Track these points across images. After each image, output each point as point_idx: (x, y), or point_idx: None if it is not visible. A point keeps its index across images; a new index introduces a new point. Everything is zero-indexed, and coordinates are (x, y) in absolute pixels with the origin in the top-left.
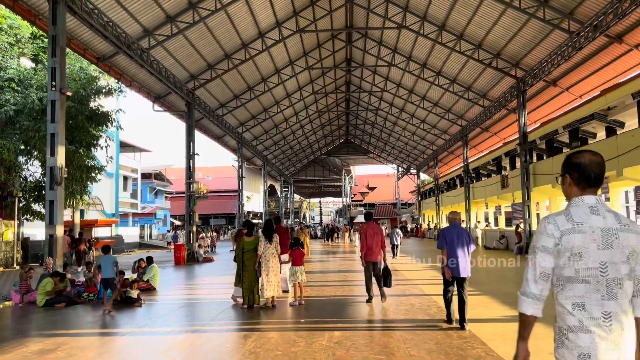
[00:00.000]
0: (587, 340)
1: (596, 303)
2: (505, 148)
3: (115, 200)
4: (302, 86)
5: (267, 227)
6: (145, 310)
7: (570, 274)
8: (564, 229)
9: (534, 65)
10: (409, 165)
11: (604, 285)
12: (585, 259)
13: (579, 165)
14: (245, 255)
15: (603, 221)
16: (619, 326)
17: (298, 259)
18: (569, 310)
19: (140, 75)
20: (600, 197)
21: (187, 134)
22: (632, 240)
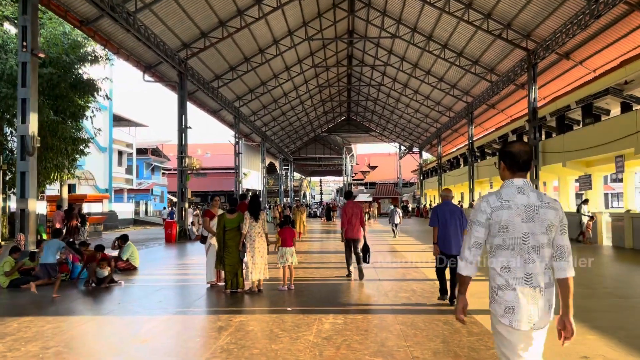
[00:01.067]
0: (511, 296)
1: (519, 266)
2: (513, 125)
3: (108, 175)
4: (301, 59)
5: (253, 204)
6: (118, 293)
7: (499, 242)
8: (494, 206)
9: (546, 36)
10: (411, 143)
11: (526, 251)
12: (511, 230)
13: (510, 153)
14: (227, 235)
15: (527, 199)
16: (538, 285)
17: (288, 239)
18: (498, 272)
19: (128, 42)
20: (527, 180)
21: (179, 105)
22: (550, 215)
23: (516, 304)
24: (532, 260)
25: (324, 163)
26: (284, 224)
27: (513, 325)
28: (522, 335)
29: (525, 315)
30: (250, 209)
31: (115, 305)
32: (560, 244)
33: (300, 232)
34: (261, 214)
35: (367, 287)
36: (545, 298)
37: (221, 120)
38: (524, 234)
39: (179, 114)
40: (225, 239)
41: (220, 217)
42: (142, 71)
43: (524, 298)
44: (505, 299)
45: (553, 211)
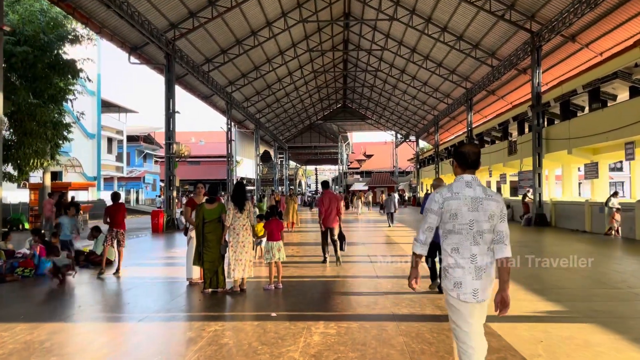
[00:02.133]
0: (459, 273)
1: (466, 248)
2: (514, 111)
3: (97, 163)
4: (296, 42)
5: (238, 192)
6: (83, 292)
7: (450, 228)
8: (445, 197)
9: (552, 17)
10: (408, 132)
11: (471, 236)
12: (460, 217)
13: (462, 153)
14: (206, 228)
15: (473, 192)
16: (481, 264)
17: (275, 232)
18: (449, 253)
19: (111, 21)
20: (475, 176)
21: (167, 89)
22: (492, 206)
23: (463, 279)
24: (476, 243)
25: (319, 151)
26: (270, 215)
27: (461, 297)
28: (470, 306)
29: (471, 289)
30: (234, 198)
31: (74, 309)
32: (500, 229)
33: (293, 222)
34: (247, 203)
35: (364, 286)
36: (487, 275)
37: (213, 106)
38: (470, 221)
39: (166, 98)
40: (204, 232)
41: (199, 208)
42: (128, 53)
43: (469, 275)
44: (454, 276)
45: (495, 203)
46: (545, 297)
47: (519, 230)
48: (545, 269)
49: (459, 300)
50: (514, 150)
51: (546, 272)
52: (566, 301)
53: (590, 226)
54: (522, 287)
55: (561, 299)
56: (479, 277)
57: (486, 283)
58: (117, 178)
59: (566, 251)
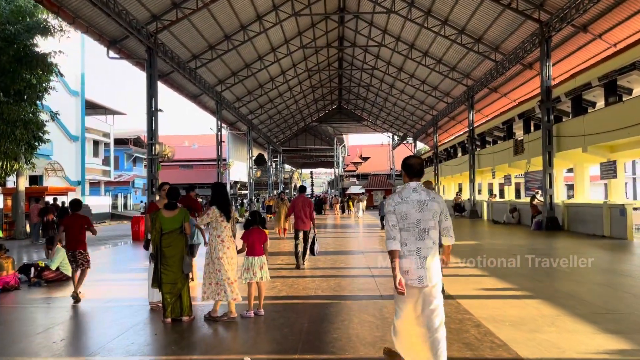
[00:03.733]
0: (407, 263)
1: (413, 242)
2: (520, 108)
3: (81, 166)
4: (288, 39)
5: (221, 196)
6: (12, 319)
7: (401, 226)
8: (396, 202)
9: (563, 4)
10: (405, 133)
11: (417, 232)
12: (408, 218)
13: (409, 165)
14: (164, 241)
15: (419, 196)
16: (425, 256)
17: (257, 245)
18: (399, 247)
19: (85, 11)
20: (420, 183)
21: (148, 85)
22: (435, 207)
23: (409, 268)
24: (421, 239)
25: (314, 154)
26: (251, 223)
27: (408, 282)
28: (415, 289)
29: (416, 276)
30: (218, 203)
31: None
32: (445, 226)
33: (285, 228)
34: (232, 209)
35: (367, 312)
36: (431, 265)
37: (202, 107)
38: (417, 221)
39: (147, 95)
40: (161, 246)
41: (155, 217)
42: (106, 47)
43: (415, 264)
44: (402, 265)
45: (437, 203)
46: (601, 327)
47: (529, 235)
48: (579, 283)
49: (407, 284)
50: (520, 149)
51: (584, 290)
52: (633, 332)
53: (610, 230)
54: (565, 312)
55: (623, 329)
56: (423, 266)
57: (429, 272)
58: (103, 182)
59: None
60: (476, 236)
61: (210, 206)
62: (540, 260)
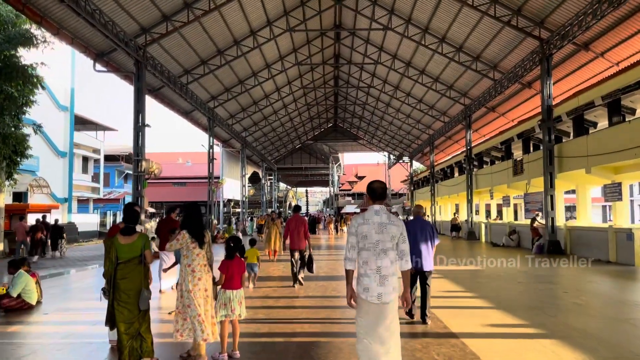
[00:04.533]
0: (367, 281)
1: (373, 261)
2: (519, 128)
3: (68, 183)
4: (283, 55)
5: (194, 218)
6: None
7: (362, 246)
8: (359, 223)
9: (564, 22)
10: (401, 152)
11: (377, 252)
12: (369, 238)
13: (372, 188)
14: (120, 272)
15: (380, 219)
16: (384, 274)
17: (235, 277)
18: (361, 265)
19: (70, 21)
20: (382, 206)
21: (136, 99)
22: (394, 229)
23: (370, 285)
24: (381, 258)
25: (310, 173)
26: (232, 251)
27: (368, 299)
28: (374, 306)
29: (376, 293)
30: (189, 227)
31: None
32: (402, 249)
33: (276, 250)
34: (206, 234)
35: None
36: (389, 283)
37: (194, 123)
38: (376, 241)
39: (135, 109)
40: (116, 278)
41: (110, 244)
42: (93, 59)
43: (375, 282)
44: (364, 283)
45: (395, 227)
46: None
47: (531, 259)
48: (594, 318)
49: (367, 301)
50: (520, 170)
51: (601, 326)
52: None
53: (616, 256)
54: (587, 357)
55: None
56: (383, 284)
57: (388, 289)
58: (92, 200)
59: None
60: (475, 260)
61: (182, 229)
62: (547, 289)
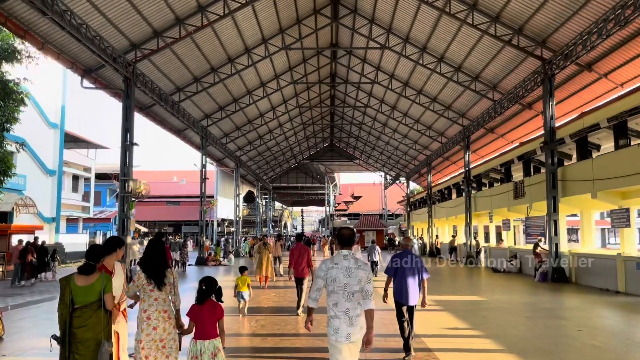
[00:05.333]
0: (337, 322)
1: (342, 304)
2: (520, 150)
3: (57, 202)
4: (279, 74)
5: (152, 255)
6: None
7: (331, 289)
8: (328, 267)
9: (567, 41)
10: (398, 173)
11: (345, 295)
12: (337, 281)
13: (340, 235)
14: (76, 319)
15: (348, 263)
16: (352, 315)
17: (207, 324)
18: (331, 307)
19: (55, 36)
20: (350, 251)
21: (124, 117)
22: (360, 274)
23: (339, 327)
24: (349, 300)
25: (305, 192)
26: (203, 295)
27: (338, 340)
28: (345, 346)
29: (345, 334)
30: (145, 264)
31: None
32: (367, 289)
33: (267, 277)
34: (168, 273)
35: None
36: (357, 323)
37: (187, 142)
38: (345, 284)
39: (122, 127)
40: (72, 326)
41: (65, 284)
42: (80, 75)
43: (344, 323)
44: (333, 324)
45: (363, 271)
46: None
47: (535, 287)
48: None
49: (337, 342)
50: (521, 193)
51: None
52: None
53: (625, 286)
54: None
55: None
56: (351, 324)
57: (356, 329)
58: (82, 219)
59: (624, 329)
60: (476, 289)
61: (140, 268)
62: (559, 326)
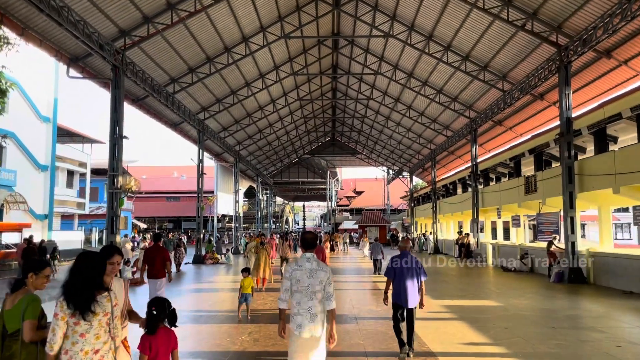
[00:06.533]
0: (299, 319)
1: (304, 302)
2: (531, 143)
3: (49, 198)
4: (278, 65)
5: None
6: None
7: (295, 289)
8: (293, 269)
9: (587, 25)
10: (401, 167)
11: (308, 294)
12: (301, 282)
13: (304, 239)
14: (7, 348)
15: (310, 265)
16: (314, 313)
17: (160, 356)
18: (294, 305)
19: (37, 21)
20: (313, 254)
21: (113, 108)
22: (322, 275)
23: (301, 323)
24: (311, 299)
25: (307, 187)
26: (153, 323)
27: (302, 335)
28: (306, 340)
29: (307, 329)
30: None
31: None
32: (328, 291)
33: (265, 278)
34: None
35: None
36: (319, 320)
37: (184, 135)
38: (307, 285)
39: (111, 119)
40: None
41: None
42: (66, 64)
43: (306, 320)
44: (296, 321)
45: (323, 272)
46: None
47: (552, 289)
48: None
49: (299, 336)
50: (532, 188)
51: None
52: None
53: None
54: None
55: None
56: (312, 321)
57: (317, 325)
58: (77, 216)
59: None
60: (488, 291)
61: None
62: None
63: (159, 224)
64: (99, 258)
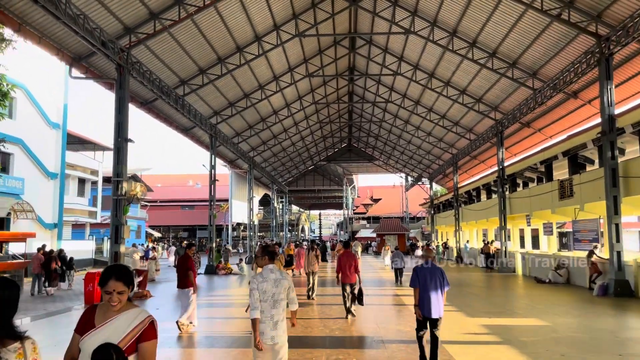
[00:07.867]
0: (263, 326)
1: (269, 310)
2: (566, 144)
3: (59, 207)
4: (293, 66)
5: None
6: None
7: (262, 299)
8: (259, 281)
9: (633, 12)
10: (420, 173)
11: (272, 303)
12: (267, 292)
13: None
14: None
15: (274, 276)
16: (276, 321)
17: None
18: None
19: (35, 16)
20: (275, 265)
21: (117, 110)
22: (285, 283)
23: (265, 330)
24: (275, 307)
25: (323, 195)
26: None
27: (263, 341)
28: (267, 347)
29: (269, 336)
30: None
31: None
32: (291, 296)
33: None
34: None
35: None
36: (280, 327)
37: (196, 141)
38: (272, 294)
39: (116, 121)
40: None
41: None
42: (68, 64)
43: (269, 327)
44: (261, 328)
45: (286, 280)
46: None
47: (596, 304)
48: None
49: (263, 342)
50: (569, 192)
51: None
52: None
53: None
54: None
55: None
56: (275, 328)
57: (279, 332)
58: (89, 225)
59: None
60: (528, 307)
61: None
62: None
63: (174, 232)
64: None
